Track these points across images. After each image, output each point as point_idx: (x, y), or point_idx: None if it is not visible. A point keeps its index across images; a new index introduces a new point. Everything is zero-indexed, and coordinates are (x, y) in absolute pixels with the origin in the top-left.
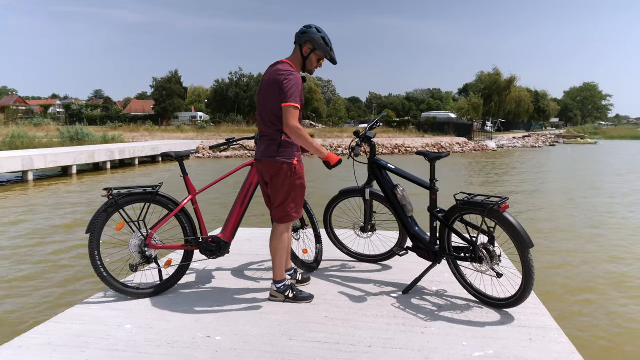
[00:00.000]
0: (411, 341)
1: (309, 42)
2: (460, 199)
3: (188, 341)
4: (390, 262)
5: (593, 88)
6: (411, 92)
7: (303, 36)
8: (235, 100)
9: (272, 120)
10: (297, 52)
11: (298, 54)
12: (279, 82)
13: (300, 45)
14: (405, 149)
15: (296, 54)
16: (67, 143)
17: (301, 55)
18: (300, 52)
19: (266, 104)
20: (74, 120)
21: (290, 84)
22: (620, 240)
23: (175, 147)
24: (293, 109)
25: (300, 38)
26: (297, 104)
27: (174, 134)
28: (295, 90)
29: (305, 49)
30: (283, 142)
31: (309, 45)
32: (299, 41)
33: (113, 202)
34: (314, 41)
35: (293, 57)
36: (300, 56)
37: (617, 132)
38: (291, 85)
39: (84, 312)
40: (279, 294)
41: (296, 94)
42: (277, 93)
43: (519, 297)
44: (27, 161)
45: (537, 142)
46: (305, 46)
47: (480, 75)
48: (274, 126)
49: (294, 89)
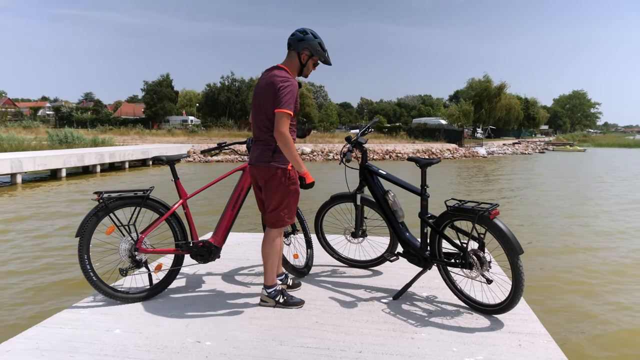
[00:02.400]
0: (401, 347)
1: (306, 49)
2: (451, 205)
3: (178, 346)
4: (380, 267)
5: (582, 96)
6: (402, 98)
7: (301, 43)
8: (226, 104)
9: (267, 125)
10: (293, 58)
11: (295, 60)
12: (275, 88)
13: (298, 52)
14: (396, 155)
15: (292, 59)
16: (56, 146)
17: (299, 62)
18: (299, 58)
19: (261, 109)
20: (63, 122)
21: (286, 90)
22: (610, 247)
23: (166, 151)
24: (285, 116)
25: (297, 45)
26: (290, 111)
27: (164, 138)
28: (290, 97)
29: (303, 56)
30: (278, 148)
31: (307, 52)
32: (296, 48)
33: (103, 205)
34: (311, 47)
35: (289, 62)
36: (298, 63)
37: (605, 140)
38: (287, 92)
39: (73, 316)
40: (269, 299)
41: (291, 101)
42: (272, 99)
43: (509, 303)
44: (16, 164)
45: (527, 149)
46: (304, 53)
47: (470, 82)
48: (269, 131)
49: (289, 96)
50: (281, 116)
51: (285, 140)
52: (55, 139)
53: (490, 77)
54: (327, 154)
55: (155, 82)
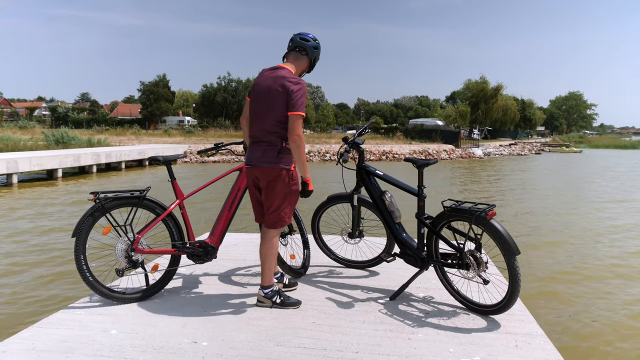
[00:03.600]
0: (398, 347)
1: (316, 58)
2: (448, 206)
3: (174, 347)
4: (377, 268)
5: (578, 97)
6: (399, 99)
7: (316, 51)
8: (223, 105)
9: (274, 125)
10: (303, 61)
11: (304, 65)
12: (287, 89)
13: (312, 58)
14: (393, 156)
15: (301, 62)
16: (52, 146)
17: (308, 67)
18: (309, 64)
19: (269, 110)
20: (59, 123)
21: (300, 93)
22: (606, 247)
23: (163, 151)
24: (300, 119)
25: (313, 52)
26: (304, 114)
27: (161, 138)
28: (304, 99)
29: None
30: (283, 148)
31: (315, 59)
32: (311, 55)
33: (100, 205)
34: (317, 56)
35: (296, 64)
36: (306, 68)
37: (601, 141)
38: (300, 94)
39: (69, 317)
40: (266, 299)
41: (304, 103)
42: (283, 100)
43: (506, 303)
44: (12, 164)
45: (523, 150)
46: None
47: (467, 83)
48: (275, 132)
49: (303, 99)
50: (297, 119)
51: (300, 143)
52: (52, 139)
53: (486, 79)
54: (324, 155)
55: (151, 83)
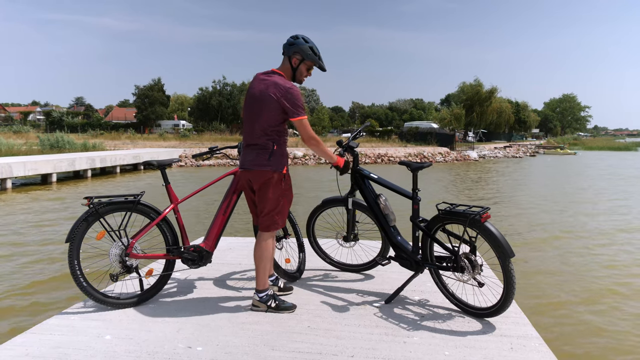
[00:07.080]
0: (393, 351)
1: (297, 53)
2: (442, 209)
3: (169, 352)
4: (372, 271)
5: (572, 99)
6: (394, 102)
7: (291, 47)
8: (218, 108)
9: (266, 129)
10: (286, 63)
11: (287, 65)
12: (282, 95)
13: (289, 56)
14: (388, 159)
15: (285, 65)
16: (47, 151)
17: (290, 66)
18: (290, 63)
19: (261, 114)
20: (54, 127)
21: (296, 97)
22: (600, 250)
23: (158, 155)
24: (306, 121)
25: (288, 49)
26: (305, 115)
27: (156, 142)
28: (301, 102)
29: (294, 60)
30: (275, 152)
31: (298, 56)
32: (287, 53)
33: (93, 210)
34: (302, 52)
35: (283, 67)
36: (290, 67)
37: (595, 143)
38: (297, 98)
39: (63, 322)
40: (261, 303)
41: (302, 104)
42: (275, 105)
43: (501, 306)
44: (6, 169)
45: (518, 153)
46: (294, 57)
47: (462, 86)
48: (267, 136)
49: (301, 101)
50: (303, 123)
51: (317, 144)
52: (46, 144)
53: (481, 81)
54: (319, 158)
55: (146, 87)
